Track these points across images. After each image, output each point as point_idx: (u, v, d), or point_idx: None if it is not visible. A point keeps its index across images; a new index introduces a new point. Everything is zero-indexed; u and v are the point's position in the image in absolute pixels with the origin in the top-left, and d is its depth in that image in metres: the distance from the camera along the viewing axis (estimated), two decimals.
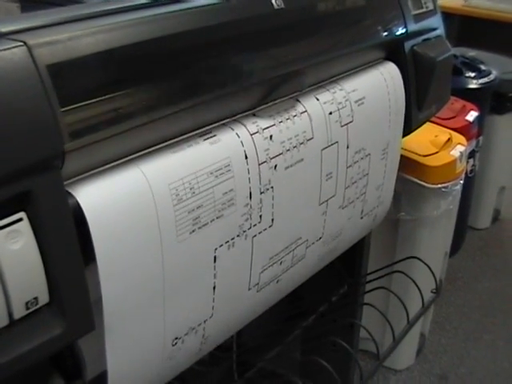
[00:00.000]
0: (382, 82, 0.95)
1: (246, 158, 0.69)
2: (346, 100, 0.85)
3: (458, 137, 1.62)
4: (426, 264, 1.24)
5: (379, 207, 1.04)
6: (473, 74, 2.10)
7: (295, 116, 0.77)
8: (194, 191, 0.63)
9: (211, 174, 0.65)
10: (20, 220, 0.49)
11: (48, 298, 0.51)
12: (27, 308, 0.50)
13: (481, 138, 2.13)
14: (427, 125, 1.17)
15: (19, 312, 0.49)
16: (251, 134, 0.70)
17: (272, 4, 0.73)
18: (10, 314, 0.49)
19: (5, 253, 0.47)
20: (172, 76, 0.60)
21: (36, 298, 0.50)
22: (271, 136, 0.73)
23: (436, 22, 1.09)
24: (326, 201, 0.86)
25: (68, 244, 0.51)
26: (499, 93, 2.18)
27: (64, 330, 0.52)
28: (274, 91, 0.75)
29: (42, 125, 0.49)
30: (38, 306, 0.51)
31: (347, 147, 0.87)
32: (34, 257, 0.49)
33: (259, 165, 0.71)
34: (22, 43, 0.49)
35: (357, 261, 1.25)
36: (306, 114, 0.78)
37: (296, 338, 1.14)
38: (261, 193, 0.72)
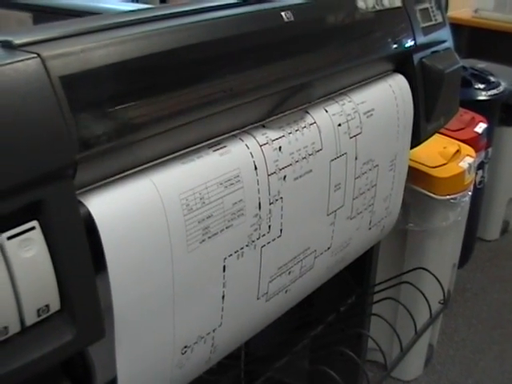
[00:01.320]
0: (391, 94, 0.95)
1: (256, 168, 0.70)
2: (355, 112, 0.86)
3: (466, 148, 1.62)
4: (433, 275, 1.24)
5: (387, 218, 1.05)
6: (482, 86, 2.09)
7: (304, 127, 0.77)
8: (203, 201, 0.63)
9: (221, 184, 0.65)
10: (32, 228, 0.49)
11: (59, 305, 0.52)
12: (39, 315, 0.50)
13: (490, 149, 2.13)
14: (436, 136, 1.17)
15: (31, 319, 0.50)
16: (261, 145, 0.71)
17: (282, 17, 0.74)
18: (22, 321, 0.49)
19: (17, 261, 0.48)
20: (183, 88, 0.61)
21: (47, 306, 0.51)
22: (280, 147, 0.73)
23: (445, 34, 1.10)
24: (335, 211, 0.86)
25: (79, 252, 0.52)
26: (508, 104, 2.17)
27: (75, 336, 0.52)
28: (284, 103, 0.76)
29: (55, 135, 0.49)
30: (49, 313, 0.51)
31: (355, 158, 0.87)
32: (45, 265, 0.50)
33: (268, 175, 0.71)
34: (35, 55, 0.50)
35: (365, 271, 1.25)
36: (315, 125, 0.79)
37: (304, 347, 1.14)
38: (270, 203, 0.73)
